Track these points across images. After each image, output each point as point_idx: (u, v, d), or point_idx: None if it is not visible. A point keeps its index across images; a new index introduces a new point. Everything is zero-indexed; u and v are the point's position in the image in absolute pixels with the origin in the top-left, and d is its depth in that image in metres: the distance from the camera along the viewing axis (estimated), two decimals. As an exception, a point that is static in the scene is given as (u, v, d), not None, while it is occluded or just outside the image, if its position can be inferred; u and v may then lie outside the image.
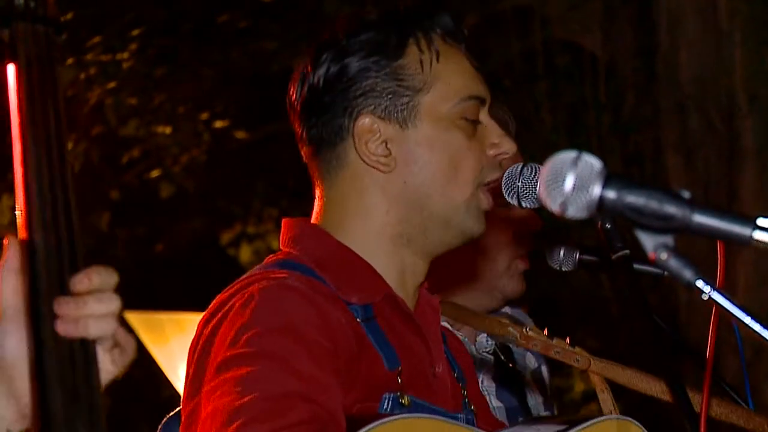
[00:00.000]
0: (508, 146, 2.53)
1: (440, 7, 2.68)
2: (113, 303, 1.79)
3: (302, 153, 2.61)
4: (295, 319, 2.30)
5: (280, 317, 2.30)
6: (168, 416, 2.66)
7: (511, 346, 3.20)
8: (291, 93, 2.55)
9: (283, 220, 2.64)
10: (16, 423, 1.90)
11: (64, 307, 1.75)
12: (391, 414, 2.33)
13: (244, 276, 2.49)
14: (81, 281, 1.78)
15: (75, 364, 1.78)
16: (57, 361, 1.76)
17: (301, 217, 2.65)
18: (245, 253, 10.97)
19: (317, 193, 2.58)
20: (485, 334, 3.13)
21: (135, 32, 9.91)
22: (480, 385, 2.93)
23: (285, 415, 2.16)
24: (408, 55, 2.48)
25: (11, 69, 1.92)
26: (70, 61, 9.33)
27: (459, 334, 3.04)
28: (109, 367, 1.83)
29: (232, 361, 2.25)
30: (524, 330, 2.91)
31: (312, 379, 2.23)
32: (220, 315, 2.34)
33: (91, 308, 1.77)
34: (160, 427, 2.68)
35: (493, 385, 3.19)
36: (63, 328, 1.75)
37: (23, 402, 1.85)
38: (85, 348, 1.78)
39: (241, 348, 2.25)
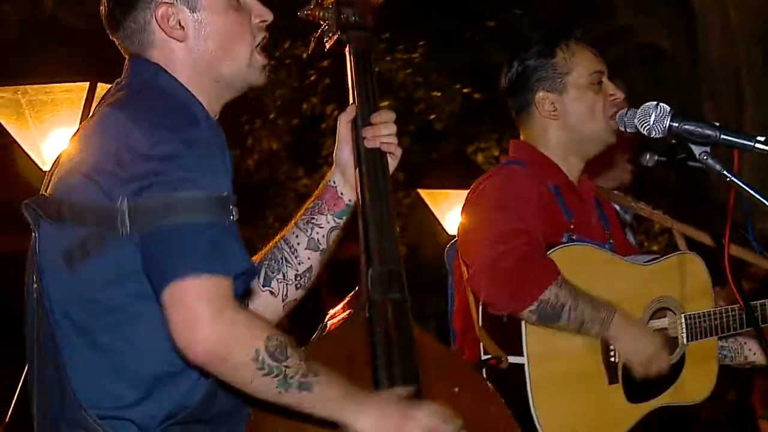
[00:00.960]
0: (620, 94, 3.42)
1: (573, 26, 3.56)
2: (392, 129, 2.62)
3: (511, 116, 3.54)
4: (520, 188, 3.28)
5: (511, 188, 3.28)
6: (450, 243, 3.51)
7: (624, 209, 4.05)
8: (500, 82, 3.51)
9: (511, 141, 3.56)
10: (351, 194, 2.70)
11: (368, 131, 2.62)
12: (569, 243, 3.26)
13: (494, 167, 3.53)
14: (376, 116, 2.63)
15: (377, 158, 2.60)
16: (368, 157, 2.60)
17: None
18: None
19: (522, 133, 3.49)
20: (615, 203, 3.95)
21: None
22: None
23: (512, 238, 3.10)
24: (557, 54, 3.44)
25: (349, 58, 2.74)
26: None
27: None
28: (392, 163, 2.65)
29: (490, 207, 3.24)
30: (637, 203, 3.87)
31: (528, 220, 3.17)
32: (484, 182, 3.36)
33: (382, 131, 2.62)
34: (446, 250, 3.54)
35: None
36: (368, 142, 2.61)
37: (351, 183, 2.67)
38: (382, 153, 2.62)
39: (495, 201, 3.24)
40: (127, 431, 2.21)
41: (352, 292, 2.59)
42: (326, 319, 2.59)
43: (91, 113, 2.38)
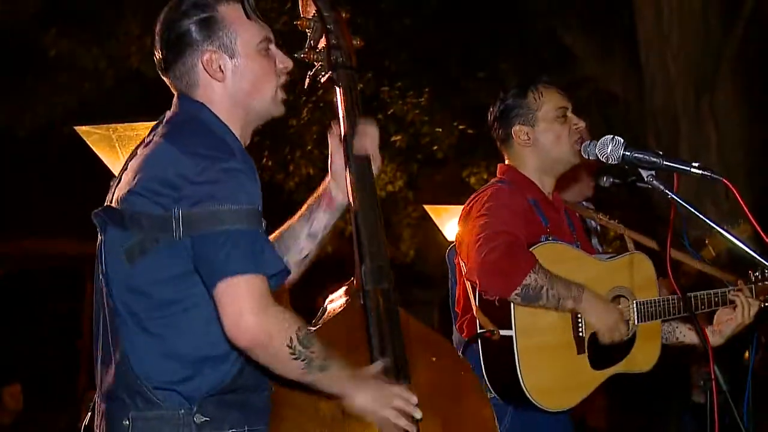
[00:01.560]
0: (581, 123, 3.40)
1: (542, 72, 3.56)
2: (375, 139, 2.64)
3: (496, 145, 3.53)
4: (503, 200, 3.27)
5: (496, 200, 3.27)
6: (450, 246, 3.51)
7: (588, 219, 3.96)
8: (488, 119, 3.50)
9: (498, 165, 3.52)
10: (343, 197, 2.67)
11: (356, 141, 2.61)
12: (545, 242, 3.25)
13: (484, 186, 3.47)
14: (361, 128, 2.63)
15: (364, 166, 2.58)
16: (356, 166, 2.58)
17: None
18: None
19: (506, 158, 3.49)
20: (579, 214, 3.84)
21: None
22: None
23: (498, 237, 3.10)
24: (529, 96, 3.42)
25: (338, 90, 2.69)
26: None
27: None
28: (375, 168, 2.64)
29: (481, 215, 3.21)
30: (597, 213, 3.83)
31: (511, 224, 3.17)
32: (475, 197, 3.34)
33: (367, 141, 2.63)
34: (447, 252, 3.52)
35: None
36: (357, 151, 2.60)
37: (343, 189, 2.64)
38: (368, 163, 2.60)
39: (485, 211, 3.23)
40: (175, 399, 2.23)
41: (348, 282, 2.58)
42: (326, 303, 2.63)
43: (146, 142, 2.40)
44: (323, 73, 2.70)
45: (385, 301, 2.44)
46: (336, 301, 2.59)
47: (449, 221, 9.26)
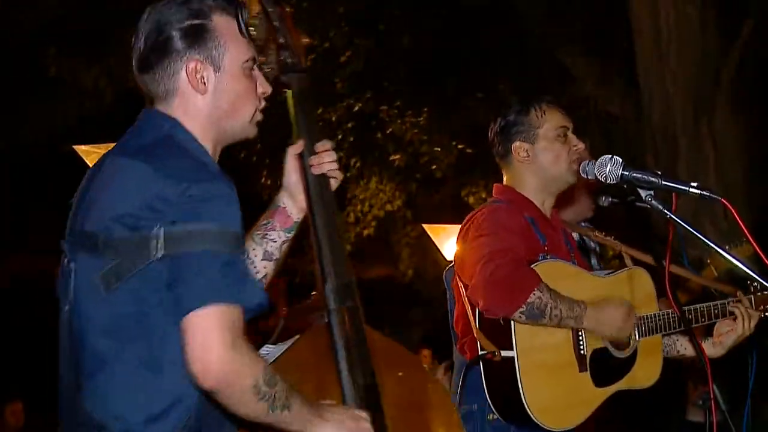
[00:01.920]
0: (581, 144, 3.40)
1: (544, 93, 3.53)
2: (333, 156, 2.50)
3: (496, 162, 3.51)
4: (501, 219, 3.27)
5: (495, 219, 3.27)
6: (448, 266, 3.48)
7: (586, 237, 3.99)
8: (489, 135, 3.48)
9: (494, 185, 3.51)
10: (298, 214, 2.54)
11: (314, 160, 2.48)
12: (544, 260, 3.25)
13: (481, 206, 3.47)
14: (320, 146, 2.49)
15: (323, 183, 2.48)
16: (315, 184, 2.47)
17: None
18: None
19: (505, 175, 3.47)
20: (578, 234, 3.91)
21: None
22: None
23: (502, 256, 3.10)
24: (531, 113, 3.41)
25: (289, 93, 2.54)
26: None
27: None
28: (334, 184, 2.52)
29: (480, 236, 3.21)
30: (594, 231, 3.84)
31: (511, 242, 3.17)
32: (473, 217, 3.33)
33: (325, 159, 2.49)
34: (444, 273, 3.52)
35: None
36: (314, 170, 2.47)
37: (299, 205, 2.52)
38: (326, 178, 2.50)
39: (485, 230, 3.22)
40: None
41: (309, 300, 2.50)
42: (285, 321, 2.49)
43: (110, 160, 2.21)
44: (273, 77, 2.52)
45: (351, 320, 2.36)
46: (298, 319, 2.49)
47: (448, 240, 9.27)
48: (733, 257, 2.53)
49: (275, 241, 2.52)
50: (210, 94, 2.22)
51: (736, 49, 8.36)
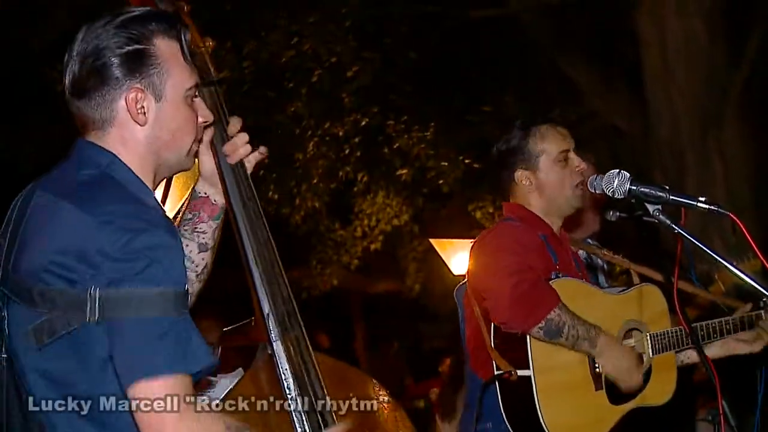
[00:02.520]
0: (583, 164, 3.40)
1: (545, 108, 3.64)
2: (245, 137, 2.36)
3: (500, 180, 3.51)
4: (517, 236, 3.29)
5: (510, 236, 3.31)
6: (459, 285, 3.50)
7: (594, 256, 3.96)
8: (493, 159, 3.50)
9: (503, 204, 3.52)
10: (222, 199, 2.40)
11: (228, 147, 2.36)
12: (557, 278, 3.26)
13: (495, 224, 3.56)
14: (231, 126, 2.37)
15: (240, 175, 2.35)
16: (231, 177, 2.34)
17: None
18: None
19: (511, 197, 3.48)
20: (585, 251, 3.92)
21: None
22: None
23: (525, 272, 3.11)
24: (530, 140, 3.42)
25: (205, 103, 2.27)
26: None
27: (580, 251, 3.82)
28: (249, 167, 2.39)
29: (499, 251, 3.23)
30: (602, 250, 3.84)
31: (530, 259, 3.20)
32: (487, 235, 3.39)
33: (238, 142, 2.37)
34: (455, 291, 3.51)
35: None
36: (230, 159, 2.35)
37: (220, 190, 2.37)
38: (242, 168, 2.35)
39: (497, 248, 3.25)
40: None
41: (251, 321, 2.33)
42: (221, 339, 2.43)
43: (39, 195, 2.05)
44: None
45: (296, 348, 2.24)
46: (237, 346, 2.40)
47: (455, 255, 9.24)
48: (743, 273, 2.51)
49: (206, 232, 2.41)
50: (150, 124, 2.09)
51: (744, 62, 8.35)
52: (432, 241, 10.04)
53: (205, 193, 2.43)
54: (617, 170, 2.68)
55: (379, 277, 14.17)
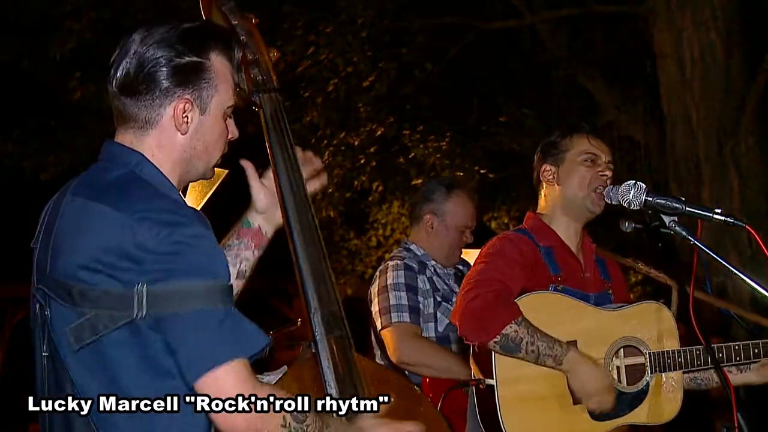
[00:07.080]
0: (609, 174, 3.33)
1: (567, 119, 4.12)
2: (319, 162, 2.55)
3: (534, 183, 3.53)
4: (505, 249, 3.30)
5: (499, 249, 3.31)
6: None
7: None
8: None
9: (528, 213, 3.54)
10: (273, 231, 2.52)
11: (306, 170, 2.49)
12: (535, 293, 3.20)
13: (500, 234, 3.52)
14: (312, 158, 2.52)
15: (302, 204, 2.41)
16: (293, 206, 2.41)
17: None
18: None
19: (539, 189, 3.49)
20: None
21: None
22: None
23: (489, 285, 3.12)
24: (567, 136, 3.42)
25: (262, 116, 2.47)
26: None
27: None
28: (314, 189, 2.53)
29: (477, 263, 3.29)
30: (639, 263, 3.90)
31: (504, 273, 3.18)
32: (487, 244, 3.39)
33: (317, 165, 2.53)
34: None
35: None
36: (311, 185, 2.49)
37: (274, 222, 2.51)
38: (304, 197, 2.42)
39: (483, 258, 3.29)
40: None
41: (294, 327, 2.44)
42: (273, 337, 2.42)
43: (71, 198, 2.08)
44: (246, 97, 2.42)
45: (339, 349, 2.28)
46: (284, 347, 2.45)
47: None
48: (757, 284, 2.50)
49: (248, 260, 2.47)
50: (190, 134, 2.13)
51: (761, 75, 8.37)
52: (447, 251, 10.03)
53: (258, 226, 2.50)
54: (633, 181, 2.71)
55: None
